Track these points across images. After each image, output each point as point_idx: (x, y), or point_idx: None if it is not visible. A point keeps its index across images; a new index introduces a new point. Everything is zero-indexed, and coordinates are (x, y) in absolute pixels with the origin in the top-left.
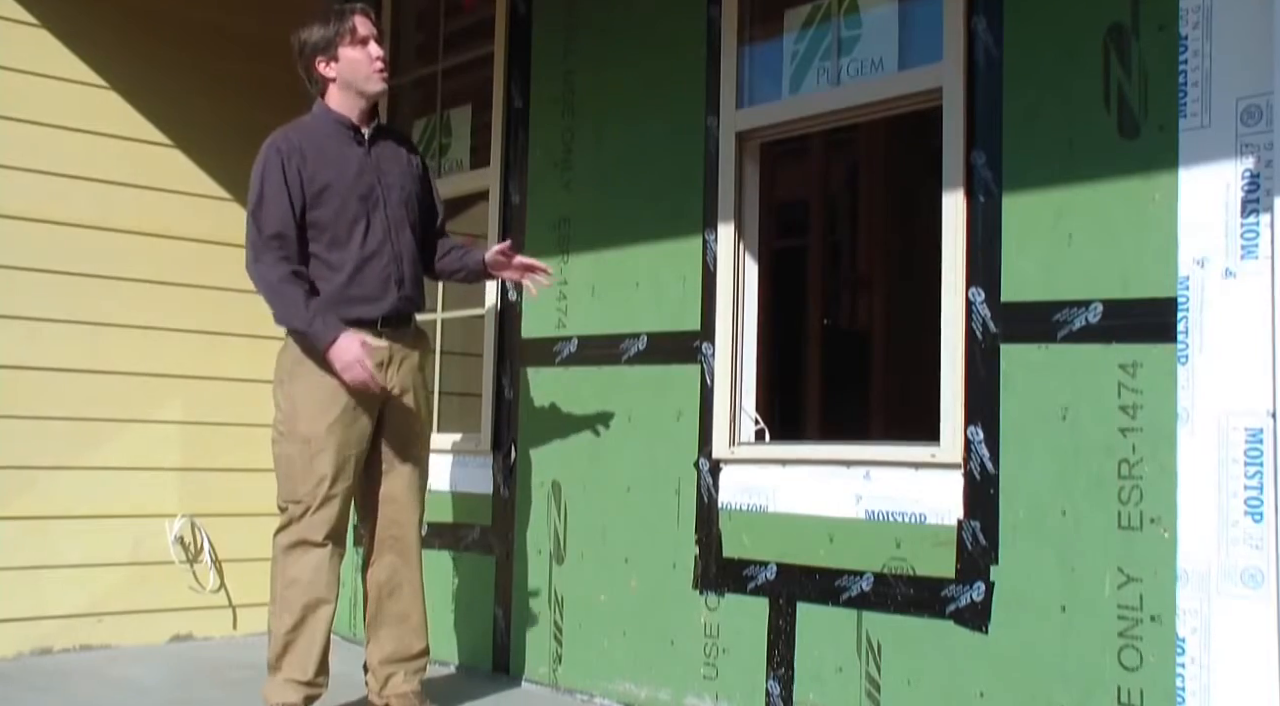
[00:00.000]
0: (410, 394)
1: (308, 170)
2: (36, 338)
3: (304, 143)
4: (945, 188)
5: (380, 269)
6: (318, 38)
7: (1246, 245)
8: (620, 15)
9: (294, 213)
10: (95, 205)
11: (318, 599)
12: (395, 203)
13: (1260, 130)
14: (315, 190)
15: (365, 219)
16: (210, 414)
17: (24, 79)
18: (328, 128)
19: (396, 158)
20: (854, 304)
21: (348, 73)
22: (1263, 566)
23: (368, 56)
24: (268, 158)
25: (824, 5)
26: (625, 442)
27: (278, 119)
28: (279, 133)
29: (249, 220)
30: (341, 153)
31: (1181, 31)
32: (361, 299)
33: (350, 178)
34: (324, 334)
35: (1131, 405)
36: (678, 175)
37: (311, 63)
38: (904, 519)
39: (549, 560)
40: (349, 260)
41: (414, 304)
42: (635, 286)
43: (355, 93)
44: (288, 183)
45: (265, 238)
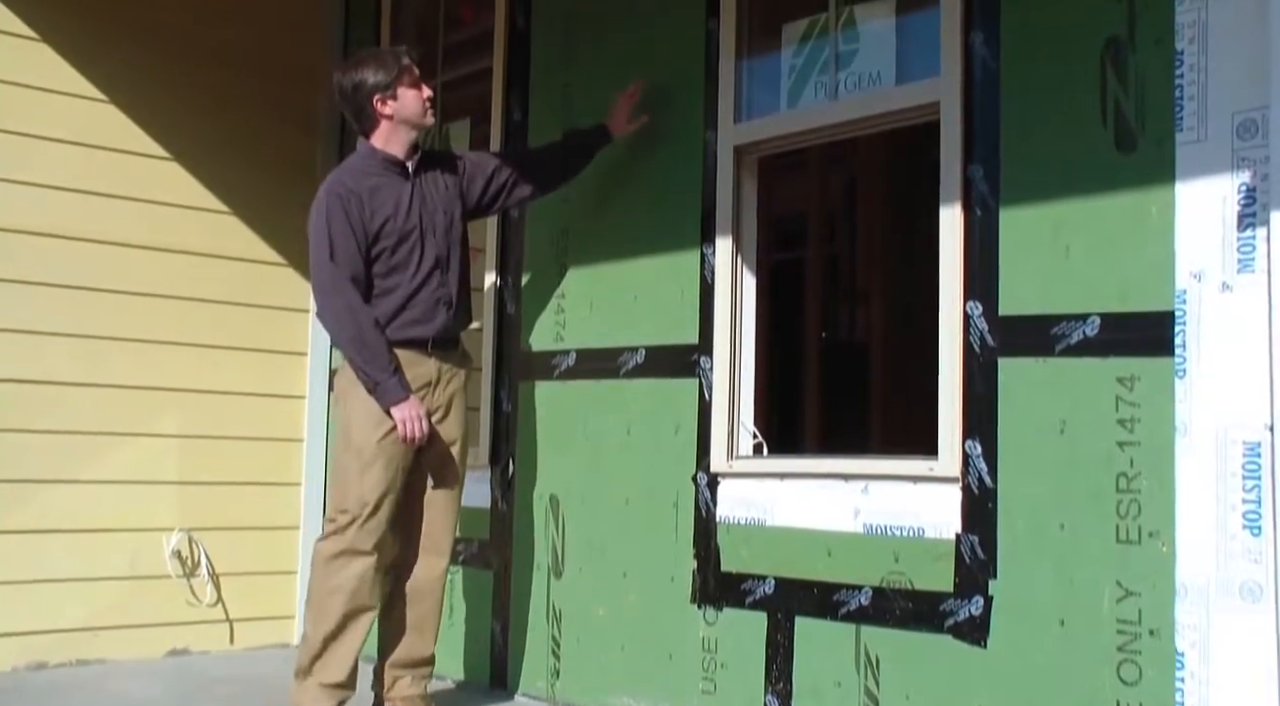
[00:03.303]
0: (454, 413)
1: (366, 212)
2: (34, 351)
3: (358, 185)
4: (943, 201)
5: (431, 292)
6: (379, 78)
7: (1243, 259)
8: (618, 28)
9: (361, 254)
10: (93, 218)
11: (361, 607)
12: (442, 228)
13: (1256, 144)
14: (375, 229)
15: (418, 248)
16: (208, 427)
17: (23, 92)
18: (376, 167)
19: (438, 184)
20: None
21: (405, 110)
22: (1261, 580)
23: (421, 94)
24: (329, 205)
25: (822, 19)
26: (623, 456)
27: (277, 133)
28: (333, 178)
29: (320, 264)
30: (392, 190)
31: (1178, 46)
32: (413, 322)
33: (403, 213)
34: (392, 395)
35: (1129, 418)
36: (676, 188)
37: (369, 101)
38: (902, 533)
39: (547, 574)
40: (403, 286)
41: (462, 325)
42: (633, 299)
43: (409, 128)
44: (352, 226)
45: (343, 281)
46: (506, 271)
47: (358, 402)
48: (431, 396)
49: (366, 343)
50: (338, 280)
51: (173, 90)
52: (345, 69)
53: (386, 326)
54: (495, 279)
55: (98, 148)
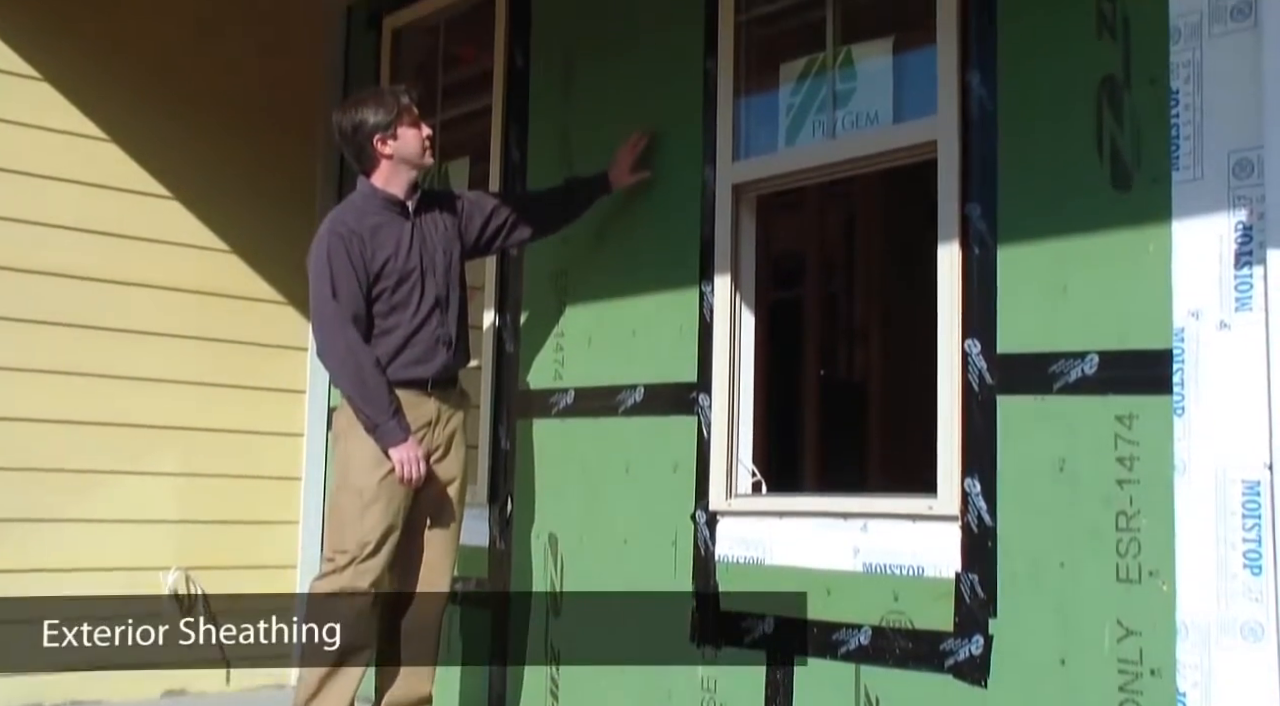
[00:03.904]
0: (454, 452)
1: (367, 251)
2: (31, 389)
3: (359, 225)
4: (941, 239)
5: (431, 332)
6: (379, 118)
7: (1240, 297)
8: (617, 67)
9: (362, 293)
10: (92, 257)
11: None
12: (441, 268)
13: (1253, 183)
14: (376, 269)
15: (419, 287)
16: (206, 466)
17: (23, 132)
18: (376, 206)
19: (438, 223)
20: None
21: (404, 150)
22: (1262, 619)
23: (421, 134)
24: (331, 244)
25: (819, 58)
26: (622, 494)
27: (276, 171)
28: (334, 217)
29: (321, 303)
30: (393, 230)
31: (1173, 85)
32: (414, 361)
33: (404, 253)
34: (392, 436)
35: (1129, 457)
36: (674, 227)
37: (369, 141)
38: (902, 571)
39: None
40: (403, 325)
41: (461, 364)
42: (632, 337)
43: (409, 167)
44: (353, 266)
45: (344, 320)
46: (505, 309)
47: (357, 442)
48: (431, 435)
49: (367, 383)
50: (339, 320)
51: (174, 129)
52: (345, 109)
53: (387, 366)
54: (494, 317)
55: (97, 186)
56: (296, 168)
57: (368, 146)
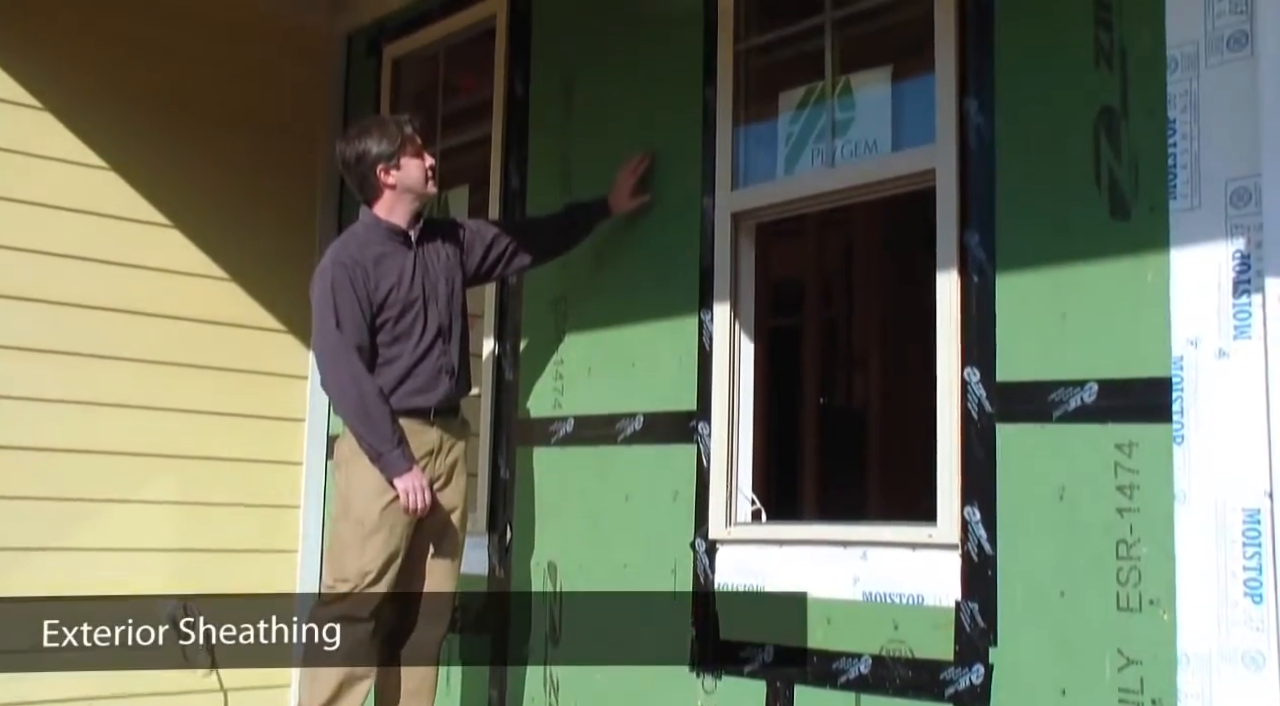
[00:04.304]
0: (455, 481)
1: (370, 281)
2: (29, 417)
3: (362, 255)
4: (940, 268)
5: (434, 361)
6: (383, 148)
7: (1239, 325)
8: (617, 96)
9: (365, 323)
10: (91, 284)
11: (357, 674)
12: (444, 297)
13: (1250, 212)
14: (380, 299)
15: (422, 317)
16: (204, 494)
17: (23, 160)
18: (380, 236)
19: (440, 252)
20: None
21: (407, 179)
22: (1264, 648)
23: (423, 163)
24: (335, 274)
25: (818, 87)
26: (622, 523)
27: (276, 199)
28: (337, 248)
29: (325, 333)
30: (396, 260)
31: (1170, 115)
32: (416, 391)
33: (406, 282)
34: (395, 466)
35: (1129, 485)
36: (673, 255)
37: (372, 171)
38: (902, 600)
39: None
40: (406, 355)
41: (463, 393)
42: (631, 366)
43: (412, 197)
44: (357, 296)
45: (348, 350)
46: (504, 338)
47: (360, 471)
48: (433, 465)
49: (370, 414)
50: (342, 350)
51: (173, 157)
52: (348, 139)
53: (390, 395)
54: (493, 345)
55: (96, 214)
56: (296, 196)
57: (370, 176)
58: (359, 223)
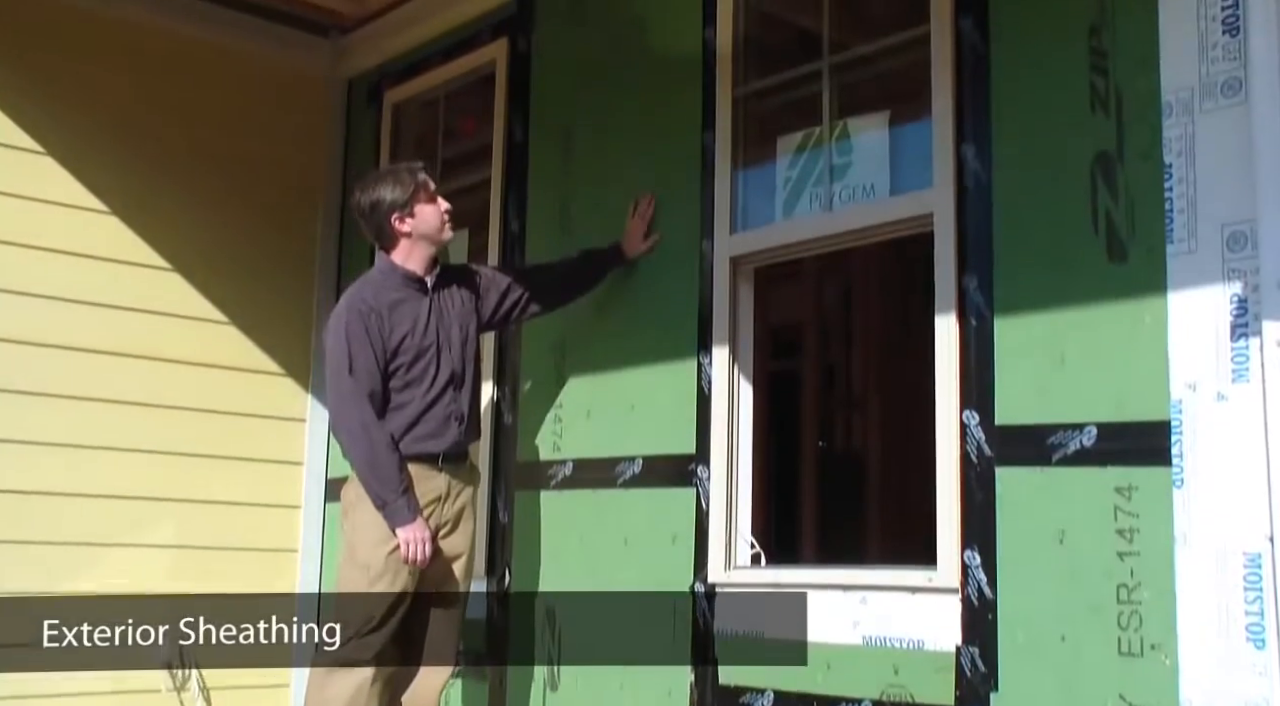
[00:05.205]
0: (462, 527)
1: (385, 328)
2: (27, 461)
3: (378, 301)
4: (938, 311)
5: (444, 408)
6: (396, 196)
7: (1237, 368)
8: (615, 141)
9: (379, 369)
10: (92, 328)
11: None
12: (458, 343)
13: (1246, 255)
14: (394, 345)
15: (434, 363)
16: (201, 538)
17: (25, 204)
18: (396, 283)
19: (455, 299)
20: (849, 426)
21: (423, 226)
22: (1267, 693)
23: (439, 209)
24: (350, 320)
25: (816, 132)
26: (621, 566)
27: (276, 244)
28: (353, 293)
29: (338, 379)
30: (412, 306)
31: (1166, 159)
32: (425, 436)
33: (421, 329)
34: (400, 516)
35: (1129, 529)
36: (672, 298)
37: (387, 219)
38: (902, 644)
39: (543, 686)
40: (416, 401)
41: (472, 440)
42: (630, 409)
43: (428, 243)
44: (371, 342)
45: (360, 396)
46: (504, 381)
47: (365, 517)
48: (440, 511)
49: (379, 461)
50: (355, 396)
51: (174, 200)
52: (362, 188)
53: (399, 440)
54: (493, 389)
55: (96, 258)
56: (296, 241)
57: (386, 224)
58: (375, 268)
